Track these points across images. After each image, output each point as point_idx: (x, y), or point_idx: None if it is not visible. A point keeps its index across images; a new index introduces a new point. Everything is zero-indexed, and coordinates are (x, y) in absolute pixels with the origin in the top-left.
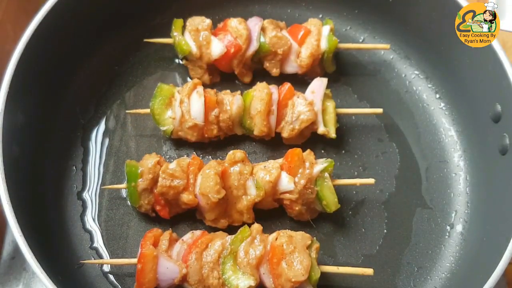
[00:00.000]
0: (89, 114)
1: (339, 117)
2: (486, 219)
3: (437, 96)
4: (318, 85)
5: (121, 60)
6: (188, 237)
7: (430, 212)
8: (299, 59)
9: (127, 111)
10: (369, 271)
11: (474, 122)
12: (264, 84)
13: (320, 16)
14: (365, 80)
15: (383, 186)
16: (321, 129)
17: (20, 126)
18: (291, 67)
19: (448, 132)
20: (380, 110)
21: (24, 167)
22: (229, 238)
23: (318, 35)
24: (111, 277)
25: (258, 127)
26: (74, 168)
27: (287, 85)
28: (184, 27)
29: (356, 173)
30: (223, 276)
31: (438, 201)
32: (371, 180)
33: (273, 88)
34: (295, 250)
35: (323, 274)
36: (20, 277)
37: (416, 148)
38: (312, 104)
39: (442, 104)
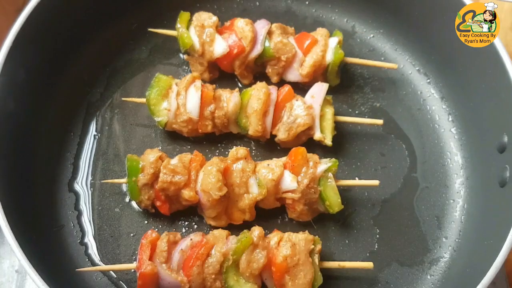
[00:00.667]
0: (95, 96)
1: (343, 125)
2: (473, 250)
3: (450, 118)
4: (318, 89)
5: (128, 46)
6: (187, 244)
7: (420, 236)
8: (301, 68)
9: (123, 98)
10: (369, 264)
11: (481, 150)
12: (263, 83)
13: (346, 20)
14: (378, 91)
15: (375, 201)
16: (317, 135)
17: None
18: (293, 75)
19: (455, 157)
20: (380, 121)
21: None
22: (230, 243)
23: (325, 46)
24: (98, 261)
25: (253, 127)
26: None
27: (287, 87)
28: (190, 21)
29: None
30: (226, 286)
31: (430, 225)
32: (375, 182)
33: (273, 89)
34: (299, 263)
35: (324, 271)
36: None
37: (419, 167)
38: (310, 108)
39: (453, 128)
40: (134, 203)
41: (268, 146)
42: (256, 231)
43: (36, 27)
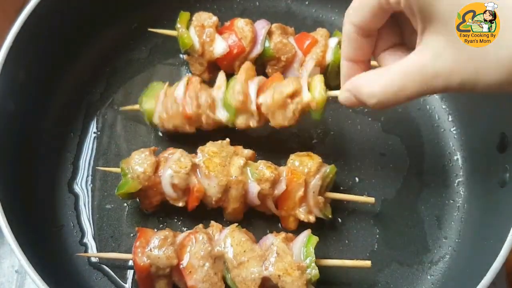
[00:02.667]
0: (95, 96)
1: (343, 125)
2: (474, 250)
3: (450, 118)
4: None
5: (128, 46)
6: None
7: (420, 236)
8: (301, 68)
9: (121, 108)
10: (366, 263)
11: (481, 150)
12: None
13: None
14: None
15: (376, 201)
16: (305, 97)
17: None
18: (293, 75)
19: (454, 157)
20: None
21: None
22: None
23: (325, 46)
24: (97, 263)
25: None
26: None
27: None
28: (190, 21)
29: (350, 182)
30: None
31: (430, 225)
32: (371, 199)
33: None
34: None
35: (323, 271)
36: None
37: (419, 167)
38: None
39: (453, 128)
40: (134, 204)
41: (268, 147)
42: None
43: (36, 27)
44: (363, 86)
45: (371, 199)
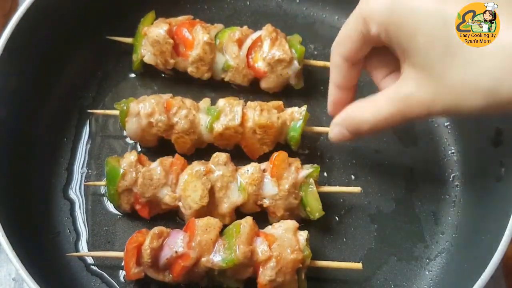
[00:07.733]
0: (88, 100)
1: None
2: (471, 245)
3: None
4: None
5: (119, 49)
6: (172, 255)
7: (417, 232)
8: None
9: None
10: (358, 265)
11: (476, 145)
12: None
13: (336, 17)
14: (371, 88)
15: (371, 198)
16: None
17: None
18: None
19: (449, 152)
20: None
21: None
22: (216, 256)
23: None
24: (95, 268)
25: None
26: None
27: None
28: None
29: (347, 180)
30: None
31: (427, 221)
32: (357, 189)
33: None
34: (284, 282)
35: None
36: None
37: (414, 163)
38: None
39: (447, 123)
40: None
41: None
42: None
43: (26, 33)
44: (355, 114)
45: (357, 189)
